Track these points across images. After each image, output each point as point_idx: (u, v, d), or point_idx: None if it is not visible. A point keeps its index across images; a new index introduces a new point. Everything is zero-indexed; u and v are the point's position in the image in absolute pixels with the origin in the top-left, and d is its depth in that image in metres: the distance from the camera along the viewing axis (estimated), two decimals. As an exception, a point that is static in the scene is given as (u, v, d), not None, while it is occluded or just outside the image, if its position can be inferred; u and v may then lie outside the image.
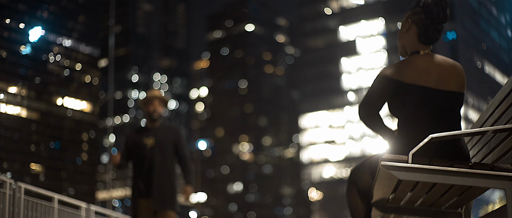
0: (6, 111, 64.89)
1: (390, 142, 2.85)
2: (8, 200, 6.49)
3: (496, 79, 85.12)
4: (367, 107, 2.85)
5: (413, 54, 2.88)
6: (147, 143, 5.90)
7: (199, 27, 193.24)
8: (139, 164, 5.89)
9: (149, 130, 5.99)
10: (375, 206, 2.96)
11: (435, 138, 2.42)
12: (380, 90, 2.82)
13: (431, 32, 2.86)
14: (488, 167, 2.41)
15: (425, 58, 2.83)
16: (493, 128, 2.44)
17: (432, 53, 2.89)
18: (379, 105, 2.85)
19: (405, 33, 2.94)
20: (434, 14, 2.82)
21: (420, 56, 2.84)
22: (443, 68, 2.81)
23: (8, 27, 66.09)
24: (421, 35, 2.87)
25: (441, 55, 2.89)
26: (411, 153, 2.44)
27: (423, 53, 2.86)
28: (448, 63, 2.84)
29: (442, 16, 2.84)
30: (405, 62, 2.83)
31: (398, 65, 2.82)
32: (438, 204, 2.94)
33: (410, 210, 3.00)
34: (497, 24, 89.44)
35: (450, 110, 2.77)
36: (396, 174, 2.43)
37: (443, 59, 2.85)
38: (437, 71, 2.80)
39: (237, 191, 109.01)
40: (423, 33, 2.87)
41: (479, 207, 50.16)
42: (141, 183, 5.84)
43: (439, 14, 2.83)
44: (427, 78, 2.77)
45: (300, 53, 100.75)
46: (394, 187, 2.73)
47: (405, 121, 2.78)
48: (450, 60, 2.86)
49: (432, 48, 2.93)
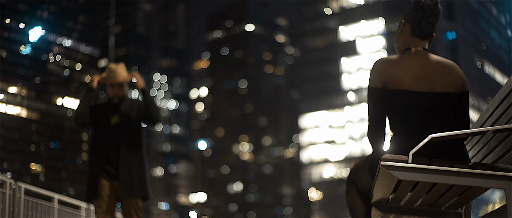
0: (6, 111, 64.88)
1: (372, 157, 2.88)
2: (8, 200, 6.49)
3: (496, 79, 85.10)
4: (374, 132, 2.86)
5: (404, 52, 2.89)
6: (111, 120, 5.29)
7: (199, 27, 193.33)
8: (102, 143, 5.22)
9: (112, 105, 5.38)
10: (375, 206, 2.96)
11: (435, 138, 2.42)
12: (374, 106, 2.85)
13: (424, 24, 2.86)
14: (488, 167, 2.41)
15: (414, 57, 2.83)
16: (493, 128, 2.44)
17: (427, 51, 2.89)
18: (383, 122, 2.87)
19: (400, 34, 2.95)
20: (425, 6, 2.85)
21: (410, 55, 2.84)
22: (432, 68, 2.80)
23: (8, 27, 66.08)
24: (415, 29, 2.89)
25: (436, 55, 2.88)
26: (411, 153, 2.44)
27: (414, 50, 2.86)
28: (439, 62, 2.83)
29: (433, 8, 2.85)
30: (390, 63, 2.82)
31: (381, 68, 2.82)
32: (438, 204, 2.94)
33: (410, 210, 3.00)
34: (497, 24, 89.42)
35: (439, 111, 2.76)
36: (396, 174, 2.43)
37: (434, 59, 2.84)
38: (424, 72, 2.79)
39: (237, 191, 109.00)
40: (417, 27, 2.88)
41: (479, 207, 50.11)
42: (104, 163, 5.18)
43: (429, 6, 2.85)
44: (412, 80, 2.76)
45: (300, 53, 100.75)
46: (394, 187, 2.73)
47: (396, 122, 2.79)
48: (443, 60, 2.85)
49: (428, 48, 2.93)
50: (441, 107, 2.77)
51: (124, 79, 5.37)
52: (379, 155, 2.82)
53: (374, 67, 2.84)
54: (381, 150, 2.83)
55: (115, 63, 5.66)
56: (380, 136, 2.85)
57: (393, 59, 2.83)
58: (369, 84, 2.86)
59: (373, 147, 2.85)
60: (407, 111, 2.75)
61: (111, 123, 5.27)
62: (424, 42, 2.90)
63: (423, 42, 2.90)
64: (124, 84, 5.39)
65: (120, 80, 5.34)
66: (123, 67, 5.44)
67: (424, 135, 2.55)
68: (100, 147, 5.22)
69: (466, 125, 2.83)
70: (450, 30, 77.92)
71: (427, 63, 2.81)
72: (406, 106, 2.76)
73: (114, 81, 5.34)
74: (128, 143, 5.22)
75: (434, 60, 2.83)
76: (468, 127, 2.82)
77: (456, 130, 2.78)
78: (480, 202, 51.40)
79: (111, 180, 5.18)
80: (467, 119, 2.85)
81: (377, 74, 2.82)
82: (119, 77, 5.35)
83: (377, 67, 2.83)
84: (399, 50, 2.97)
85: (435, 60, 2.83)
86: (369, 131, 2.86)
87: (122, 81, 5.37)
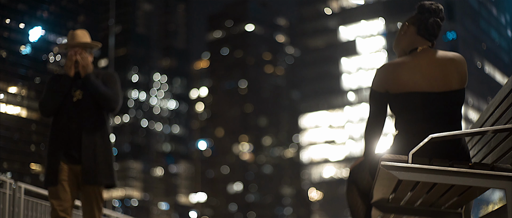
0: (6, 111, 64.90)
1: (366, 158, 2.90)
2: (8, 200, 6.49)
3: (496, 79, 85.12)
4: (370, 132, 2.89)
5: (410, 53, 2.89)
6: (74, 95, 4.61)
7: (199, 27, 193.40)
8: (63, 121, 4.58)
9: (76, 79, 4.67)
10: (375, 206, 2.96)
11: (435, 138, 2.42)
12: (373, 107, 2.87)
13: (430, 25, 2.87)
14: (488, 167, 2.41)
15: (421, 56, 2.83)
16: (493, 128, 2.44)
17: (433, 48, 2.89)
18: (381, 121, 2.88)
19: (403, 36, 2.95)
20: (430, 9, 2.87)
21: (416, 54, 2.84)
22: (440, 65, 2.80)
23: (8, 27, 66.11)
24: (421, 29, 2.90)
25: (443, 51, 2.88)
26: (411, 153, 2.44)
27: (421, 49, 2.87)
28: (448, 58, 2.82)
29: (438, 10, 2.88)
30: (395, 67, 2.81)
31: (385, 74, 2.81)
32: (438, 204, 2.94)
33: (410, 210, 3.00)
34: (497, 24, 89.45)
35: (447, 110, 2.76)
36: (396, 174, 2.43)
37: (442, 55, 2.84)
38: (432, 71, 2.78)
39: (237, 191, 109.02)
40: (423, 27, 2.89)
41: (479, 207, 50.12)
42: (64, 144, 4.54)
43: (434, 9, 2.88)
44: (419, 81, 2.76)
45: (300, 53, 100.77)
46: (394, 187, 2.73)
47: (402, 123, 2.79)
48: (451, 55, 2.85)
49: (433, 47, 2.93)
50: (450, 106, 2.77)
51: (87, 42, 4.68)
52: (371, 154, 2.84)
53: (378, 72, 2.84)
54: (373, 150, 2.85)
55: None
56: (375, 136, 2.87)
57: (398, 62, 2.83)
58: (371, 86, 2.87)
59: (366, 146, 2.87)
60: (414, 113, 2.75)
61: (73, 99, 4.60)
62: (429, 43, 2.91)
63: (428, 43, 2.91)
64: (88, 50, 4.71)
65: (82, 41, 4.66)
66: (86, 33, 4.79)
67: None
68: (60, 126, 4.56)
69: (460, 124, 2.85)
70: (450, 30, 77.92)
71: (435, 61, 2.81)
72: (413, 108, 2.75)
73: (75, 43, 4.65)
74: (92, 122, 4.56)
75: (442, 56, 2.83)
76: (460, 127, 2.82)
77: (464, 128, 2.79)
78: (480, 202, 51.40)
79: (72, 164, 4.54)
80: (460, 119, 2.85)
81: (380, 79, 2.82)
82: (81, 39, 4.69)
83: (381, 72, 2.83)
84: (402, 51, 2.96)
85: (443, 57, 2.83)
86: (366, 130, 2.88)
87: (84, 43, 4.67)
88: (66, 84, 4.63)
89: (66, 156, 4.53)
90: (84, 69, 4.61)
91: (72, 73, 4.63)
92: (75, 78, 4.67)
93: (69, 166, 4.53)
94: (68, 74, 4.63)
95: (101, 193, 4.58)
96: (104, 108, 4.63)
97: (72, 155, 4.53)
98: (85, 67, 4.61)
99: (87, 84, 4.58)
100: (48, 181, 4.52)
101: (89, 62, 4.67)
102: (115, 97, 4.62)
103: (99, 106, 4.61)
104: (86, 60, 4.64)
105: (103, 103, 4.58)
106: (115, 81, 4.72)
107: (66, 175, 4.50)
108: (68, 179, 4.51)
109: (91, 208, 4.59)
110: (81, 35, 4.71)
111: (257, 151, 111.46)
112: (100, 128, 4.59)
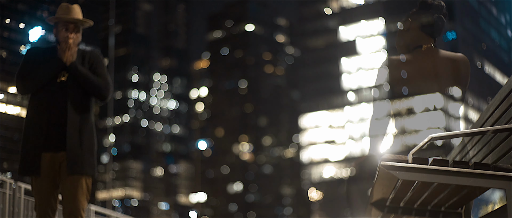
0: (6, 111, 64.90)
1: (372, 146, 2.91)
2: (8, 200, 6.49)
3: (496, 79, 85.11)
4: (374, 131, 2.91)
5: (413, 50, 2.89)
6: (58, 75, 4.21)
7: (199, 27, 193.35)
8: (44, 103, 4.15)
9: (59, 57, 4.22)
10: (375, 206, 2.96)
11: (435, 138, 2.42)
12: (377, 106, 2.88)
13: (434, 22, 2.88)
14: (488, 167, 2.41)
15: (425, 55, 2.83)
16: (493, 128, 2.44)
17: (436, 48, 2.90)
18: (384, 122, 2.90)
19: (406, 32, 2.95)
20: (433, 5, 2.87)
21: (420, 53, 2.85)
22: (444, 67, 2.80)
23: (8, 27, 66.13)
24: (425, 26, 2.90)
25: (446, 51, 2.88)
26: (411, 153, 2.44)
27: (425, 47, 2.87)
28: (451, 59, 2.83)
29: (441, 7, 2.88)
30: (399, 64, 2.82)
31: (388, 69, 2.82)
32: (438, 204, 2.94)
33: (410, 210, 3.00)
34: (497, 24, 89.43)
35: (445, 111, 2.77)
36: (396, 174, 2.43)
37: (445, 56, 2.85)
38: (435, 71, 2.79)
39: (237, 191, 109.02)
40: (427, 23, 2.89)
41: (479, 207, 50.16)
42: (46, 130, 4.10)
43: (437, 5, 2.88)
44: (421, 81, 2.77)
45: (300, 53, 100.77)
46: (394, 187, 2.73)
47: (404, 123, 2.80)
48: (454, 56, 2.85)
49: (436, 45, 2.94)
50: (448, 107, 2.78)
51: (83, 20, 4.35)
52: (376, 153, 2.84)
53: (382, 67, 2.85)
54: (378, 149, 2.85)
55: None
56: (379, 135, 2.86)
57: (402, 59, 2.83)
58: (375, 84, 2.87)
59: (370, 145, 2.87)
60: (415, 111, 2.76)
61: (57, 80, 4.18)
62: (432, 40, 2.91)
63: (432, 40, 2.91)
64: (80, 28, 4.35)
65: (77, 18, 4.33)
66: (80, 9, 4.46)
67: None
68: (41, 108, 4.13)
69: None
70: (450, 30, 77.92)
71: (438, 61, 2.82)
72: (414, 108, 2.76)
73: (70, 18, 4.32)
74: (77, 106, 4.13)
75: (445, 57, 2.83)
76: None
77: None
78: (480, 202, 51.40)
79: (54, 152, 4.10)
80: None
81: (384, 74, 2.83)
82: (78, 15, 4.35)
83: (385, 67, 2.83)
84: (405, 47, 2.97)
85: (446, 57, 2.83)
86: (370, 129, 2.88)
87: (81, 20, 4.34)
88: (57, 69, 4.19)
89: (48, 142, 4.08)
90: (71, 56, 4.20)
91: (65, 59, 4.19)
92: (57, 56, 4.24)
93: (51, 154, 4.09)
94: (60, 58, 4.21)
95: (89, 184, 4.13)
96: (94, 96, 4.24)
97: (54, 141, 4.09)
98: (73, 55, 4.21)
99: (74, 75, 4.18)
100: (27, 170, 4.08)
101: (75, 48, 4.26)
102: (107, 85, 4.23)
103: (86, 91, 4.22)
104: (75, 47, 4.24)
105: (94, 92, 4.20)
106: (103, 64, 4.35)
107: (48, 164, 4.08)
108: (51, 167, 4.09)
109: (76, 198, 4.10)
110: (78, 10, 4.39)
111: (257, 151, 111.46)
112: (86, 112, 4.19)
